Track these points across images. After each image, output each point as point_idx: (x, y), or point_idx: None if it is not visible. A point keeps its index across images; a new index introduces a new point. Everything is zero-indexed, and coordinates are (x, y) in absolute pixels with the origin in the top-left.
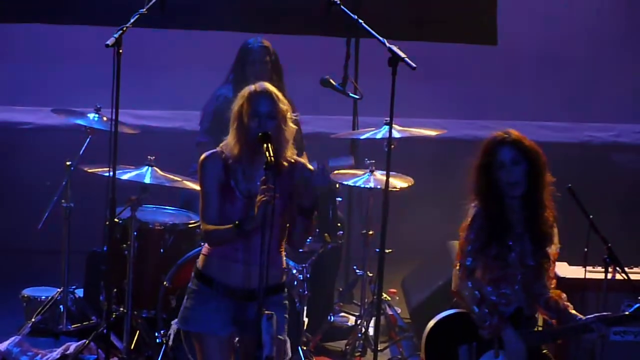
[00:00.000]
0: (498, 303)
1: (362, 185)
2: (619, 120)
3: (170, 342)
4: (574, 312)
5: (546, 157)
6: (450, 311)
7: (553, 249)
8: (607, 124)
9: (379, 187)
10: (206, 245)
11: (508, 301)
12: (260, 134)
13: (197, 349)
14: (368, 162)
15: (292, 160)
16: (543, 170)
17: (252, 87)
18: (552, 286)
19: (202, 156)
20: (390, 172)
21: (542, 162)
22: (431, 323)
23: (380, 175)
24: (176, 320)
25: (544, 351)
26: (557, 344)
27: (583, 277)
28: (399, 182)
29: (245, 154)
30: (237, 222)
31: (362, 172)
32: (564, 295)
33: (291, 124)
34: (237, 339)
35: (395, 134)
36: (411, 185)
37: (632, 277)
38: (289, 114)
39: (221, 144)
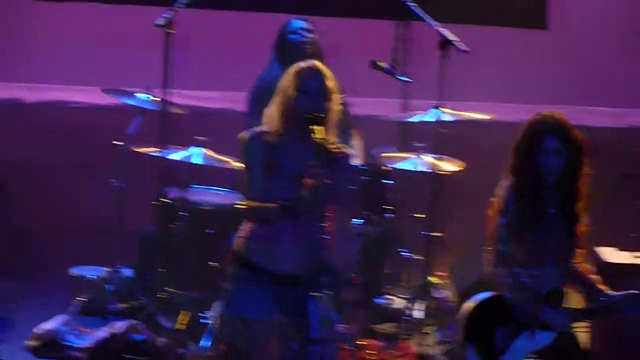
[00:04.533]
0: (531, 285)
1: (412, 169)
2: None
3: (217, 324)
4: (601, 287)
5: (590, 144)
6: (487, 293)
7: (582, 226)
8: None
9: (428, 170)
10: (244, 227)
11: (539, 281)
12: (309, 115)
13: (240, 332)
14: (417, 145)
15: (335, 149)
16: (582, 162)
17: (301, 64)
18: (580, 259)
19: (245, 136)
20: (440, 156)
21: (583, 155)
22: (469, 305)
23: (430, 158)
24: (219, 301)
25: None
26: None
27: (630, 262)
28: (449, 166)
29: (290, 131)
30: (283, 202)
31: (412, 156)
32: (589, 267)
33: (336, 106)
34: (282, 320)
35: (445, 118)
36: (462, 169)
37: None
38: (335, 94)
39: (265, 121)
